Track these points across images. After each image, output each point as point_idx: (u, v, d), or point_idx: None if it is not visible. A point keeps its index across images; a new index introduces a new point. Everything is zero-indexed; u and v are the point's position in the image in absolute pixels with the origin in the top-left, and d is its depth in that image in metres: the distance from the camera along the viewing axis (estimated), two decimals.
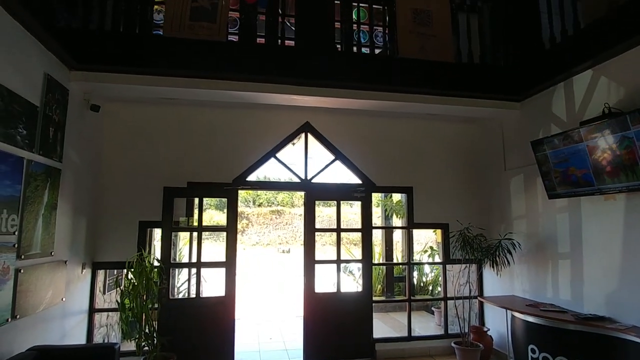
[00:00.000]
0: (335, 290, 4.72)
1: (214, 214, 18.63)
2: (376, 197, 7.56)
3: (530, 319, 3.69)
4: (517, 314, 3.88)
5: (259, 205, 23.55)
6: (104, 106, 4.11)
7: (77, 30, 3.51)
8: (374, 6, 4.44)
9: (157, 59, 3.57)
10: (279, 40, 4.08)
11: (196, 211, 4.73)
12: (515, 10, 4.40)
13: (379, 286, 7.51)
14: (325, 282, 5.15)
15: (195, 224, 4.66)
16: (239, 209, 4.65)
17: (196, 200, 4.76)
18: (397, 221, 7.79)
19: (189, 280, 5.47)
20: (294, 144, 4.85)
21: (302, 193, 4.85)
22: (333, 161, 4.85)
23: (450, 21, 4.22)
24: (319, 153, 4.93)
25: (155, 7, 4.42)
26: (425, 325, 6.22)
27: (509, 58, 4.39)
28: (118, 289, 4.26)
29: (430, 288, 7.59)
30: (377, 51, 4.91)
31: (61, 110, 3.39)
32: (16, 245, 2.74)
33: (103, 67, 3.57)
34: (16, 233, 2.75)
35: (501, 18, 4.52)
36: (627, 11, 2.99)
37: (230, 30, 4.52)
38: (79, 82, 3.58)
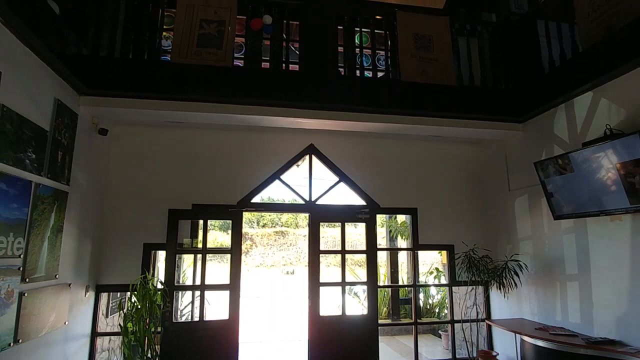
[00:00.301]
0: (340, 312, 4.65)
1: (218, 235, 18.58)
2: (381, 217, 7.54)
3: (541, 343, 3.60)
4: (526, 338, 3.80)
5: (263, 226, 23.46)
6: (111, 129, 4.19)
7: (88, 56, 3.62)
8: (375, 31, 4.55)
9: (164, 84, 3.66)
10: (284, 65, 4.18)
11: (201, 232, 4.74)
12: (514, 35, 4.49)
13: (385, 309, 7.39)
14: (330, 304, 5.09)
15: (200, 245, 4.66)
16: (243, 230, 4.65)
17: (201, 221, 4.77)
18: (402, 242, 7.74)
19: (192, 302, 5.41)
20: (298, 165, 4.89)
21: (307, 214, 4.84)
22: (337, 183, 4.87)
23: (450, 45, 4.31)
24: (323, 175, 4.96)
25: (164, 33, 4.56)
26: (433, 349, 6.08)
27: (509, 80, 4.45)
28: (121, 312, 4.22)
29: (437, 310, 7.45)
30: (379, 74, 5.00)
31: (70, 134, 3.46)
32: (21, 269, 2.75)
33: (112, 92, 3.66)
34: (22, 256, 2.76)
35: (500, 42, 4.61)
36: (624, 35, 3.04)
37: (235, 55, 4.64)
38: (88, 106, 3.66)
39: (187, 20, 3.80)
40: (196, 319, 5.00)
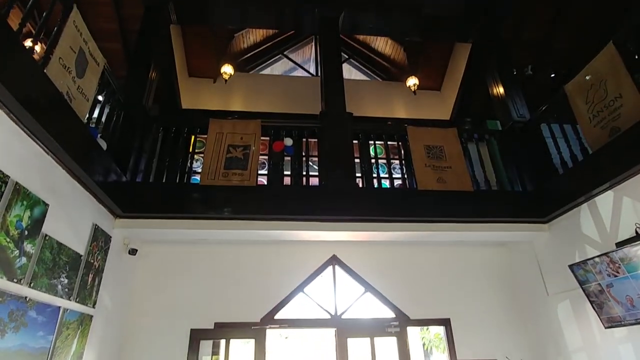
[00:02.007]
0: None
1: (238, 346, 17.34)
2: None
3: None
4: None
5: (286, 338, 21.94)
6: (139, 248, 4.31)
7: (125, 183, 3.95)
8: (389, 142, 4.87)
9: (193, 205, 3.89)
10: (304, 179, 4.43)
11: (222, 349, 4.46)
12: (522, 139, 4.71)
13: None
14: None
15: None
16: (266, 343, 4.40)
17: (223, 340, 4.54)
18: (439, 356, 7.03)
19: None
20: (322, 276, 4.80)
21: (333, 330, 4.57)
22: (363, 294, 4.69)
23: (462, 154, 4.51)
24: (348, 285, 4.82)
25: (195, 156, 5.00)
26: None
27: (525, 182, 4.53)
28: None
29: None
30: (396, 181, 5.20)
31: (102, 256, 3.59)
32: None
33: (145, 214, 3.89)
34: None
35: (509, 146, 4.81)
36: (630, 139, 3.17)
37: (259, 171, 4.98)
38: (121, 228, 3.87)
39: (217, 147, 4.20)
40: None
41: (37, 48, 4.28)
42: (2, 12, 2.40)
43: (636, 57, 3.55)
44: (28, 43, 4.51)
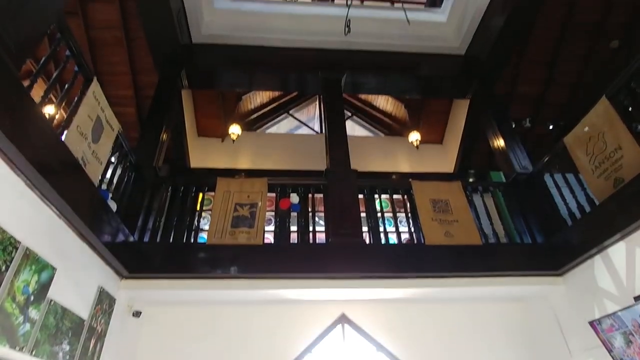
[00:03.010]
0: None
1: None
2: None
3: None
4: None
5: None
6: (142, 310, 4.21)
7: (132, 243, 3.96)
8: (394, 196, 4.90)
9: (200, 265, 3.86)
10: (311, 235, 4.42)
11: None
12: (527, 190, 4.73)
13: None
14: None
15: None
16: None
17: None
18: None
19: None
20: (331, 337, 4.60)
21: None
22: (374, 354, 4.46)
23: (468, 207, 4.52)
24: (359, 346, 4.59)
25: (202, 213, 5.04)
26: None
27: (533, 234, 4.48)
28: None
29: None
30: (403, 236, 5.14)
31: (105, 320, 3.50)
32: None
33: (151, 275, 3.85)
34: None
35: (514, 198, 4.82)
36: (634, 189, 3.18)
37: (265, 228, 4.98)
38: (126, 290, 3.82)
39: (224, 205, 4.26)
40: None
41: (57, 115, 4.53)
42: (27, 85, 2.58)
43: (629, 109, 3.66)
44: (47, 109, 4.79)
